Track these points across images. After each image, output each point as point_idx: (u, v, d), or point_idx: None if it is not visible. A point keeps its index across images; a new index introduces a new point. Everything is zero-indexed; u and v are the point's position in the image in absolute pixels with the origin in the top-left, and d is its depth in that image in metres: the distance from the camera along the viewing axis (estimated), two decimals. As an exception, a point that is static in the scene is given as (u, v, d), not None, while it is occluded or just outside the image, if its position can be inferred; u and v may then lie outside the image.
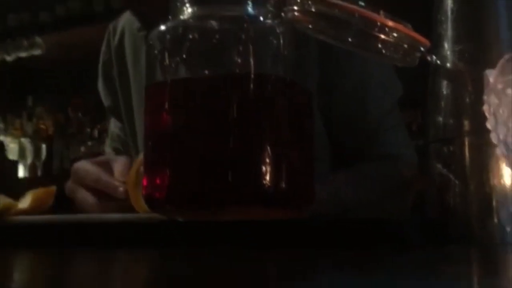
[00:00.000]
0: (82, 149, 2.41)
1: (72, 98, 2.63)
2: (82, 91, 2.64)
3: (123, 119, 0.92)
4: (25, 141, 2.58)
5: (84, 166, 0.66)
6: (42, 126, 2.62)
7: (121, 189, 0.59)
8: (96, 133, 2.46)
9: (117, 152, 0.93)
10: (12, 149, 2.53)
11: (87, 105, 2.61)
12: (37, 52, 2.48)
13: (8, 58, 2.54)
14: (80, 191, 0.65)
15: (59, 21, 2.46)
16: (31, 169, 2.48)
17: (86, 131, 2.49)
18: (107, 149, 0.98)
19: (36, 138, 2.57)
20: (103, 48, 0.97)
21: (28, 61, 2.56)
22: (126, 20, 0.93)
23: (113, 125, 0.98)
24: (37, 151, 2.52)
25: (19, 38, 2.49)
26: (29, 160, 2.51)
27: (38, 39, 2.45)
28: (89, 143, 2.42)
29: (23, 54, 2.51)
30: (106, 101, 0.96)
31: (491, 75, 0.34)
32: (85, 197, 0.64)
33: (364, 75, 0.75)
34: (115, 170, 0.64)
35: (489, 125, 0.33)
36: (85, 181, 0.65)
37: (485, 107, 0.33)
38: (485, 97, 0.34)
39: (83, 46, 2.39)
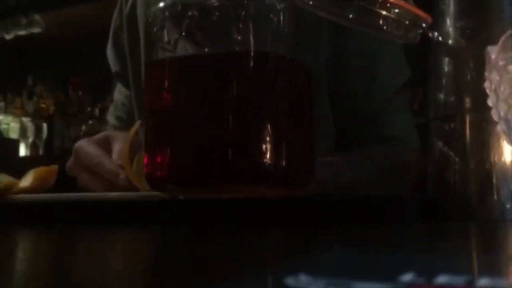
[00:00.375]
0: (83, 128, 2.41)
1: (72, 77, 2.62)
2: (82, 69, 2.63)
3: (130, 86, 0.92)
4: (26, 120, 2.57)
5: (85, 148, 0.66)
6: (43, 105, 2.62)
7: (121, 176, 0.59)
8: (97, 112, 2.45)
9: (120, 121, 0.93)
10: (13, 128, 2.53)
11: (87, 84, 2.60)
12: (36, 30, 2.46)
13: (7, 37, 2.53)
14: (82, 174, 0.65)
15: (57, -2, 2.43)
16: (32, 148, 2.48)
17: (87, 110, 2.49)
18: (110, 118, 0.97)
19: (37, 117, 2.57)
20: (115, 14, 0.97)
21: (28, 40, 2.54)
22: None
23: (118, 93, 0.97)
24: (38, 130, 2.52)
25: (18, 16, 2.47)
26: (30, 139, 2.51)
27: (37, 17, 2.44)
28: (90, 122, 2.42)
29: (22, 32, 2.49)
30: (114, 67, 0.96)
31: (493, 52, 0.34)
32: (87, 182, 0.64)
33: (373, 55, 0.75)
34: (114, 150, 0.64)
35: (490, 102, 0.33)
36: (86, 164, 0.65)
37: (486, 84, 0.33)
38: (486, 74, 0.33)
39: (83, 23, 2.38)
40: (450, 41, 0.40)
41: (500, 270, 0.19)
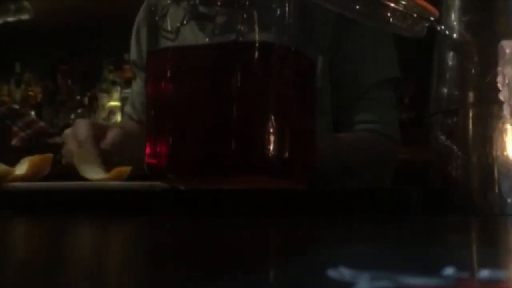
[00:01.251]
0: (72, 116, 2.39)
1: (61, 65, 2.60)
2: (71, 57, 2.60)
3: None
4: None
5: (83, 124, 0.69)
6: (31, 93, 2.59)
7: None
8: (86, 100, 2.43)
9: (135, 109, 0.96)
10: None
11: (76, 72, 2.57)
12: (24, 16, 2.43)
13: (-5, 23, 2.49)
14: (70, 141, 0.69)
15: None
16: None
17: (76, 99, 2.46)
18: (127, 106, 1.01)
19: (25, 105, 2.54)
20: (142, 6, 0.99)
21: (16, 26, 2.51)
22: None
23: (135, 84, 1.00)
24: (26, 118, 2.49)
25: (6, 2, 2.44)
26: (18, 127, 2.48)
27: (26, 3, 2.40)
28: (79, 110, 2.40)
29: (10, 19, 2.46)
30: (132, 55, 0.98)
31: (508, 46, 0.34)
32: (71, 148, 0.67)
33: (365, 43, 0.79)
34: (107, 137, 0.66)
35: (501, 96, 0.33)
36: (76, 137, 0.68)
37: (499, 78, 0.33)
38: (499, 68, 0.33)
39: (73, 11, 2.35)
40: (455, 35, 0.40)
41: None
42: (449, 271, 0.12)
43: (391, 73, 0.83)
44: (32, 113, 2.49)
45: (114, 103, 2.36)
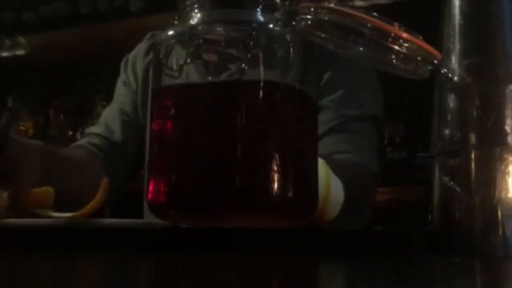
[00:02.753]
0: (63, 151, 2.37)
1: (53, 100, 2.60)
2: (64, 92, 2.61)
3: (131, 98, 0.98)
4: (4, 142, 2.53)
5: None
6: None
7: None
8: (78, 135, 2.42)
9: (121, 115, 0.97)
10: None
11: (68, 107, 2.57)
12: (20, 52, 2.44)
13: (-10, 57, 2.50)
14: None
15: (43, 21, 2.43)
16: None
17: (68, 134, 2.46)
18: (109, 110, 1.01)
19: (15, 139, 2.52)
20: (139, 45, 1.04)
21: (10, 61, 2.52)
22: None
23: (121, 93, 1.01)
24: (16, 153, 2.47)
25: (2, 37, 2.45)
26: (7, 161, 2.46)
27: (21, 39, 2.42)
28: (71, 146, 2.38)
29: (5, 54, 2.47)
30: (122, 78, 1.01)
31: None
32: None
33: (349, 75, 0.81)
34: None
35: (510, 139, 0.34)
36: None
37: (508, 121, 0.34)
38: (508, 111, 0.34)
39: (67, 47, 2.37)
40: (456, 78, 0.41)
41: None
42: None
43: (373, 110, 0.84)
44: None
45: (106, 139, 2.35)
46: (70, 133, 2.46)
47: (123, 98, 1.00)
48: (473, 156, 0.40)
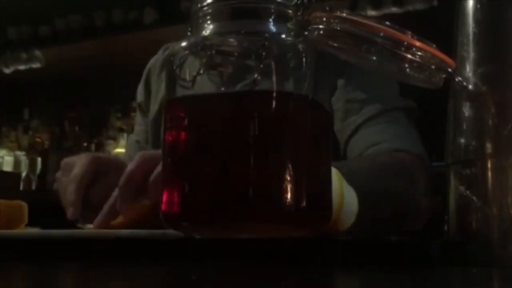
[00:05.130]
0: (78, 163, 2.39)
1: (68, 112, 2.63)
2: (79, 104, 2.63)
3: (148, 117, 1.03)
4: (20, 154, 2.56)
5: (75, 161, 0.67)
6: (38, 139, 2.61)
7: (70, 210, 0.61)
8: (92, 147, 2.45)
9: (137, 144, 1.02)
10: (7, 162, 2.51)
11: (83, 119, 2.60)
12: (36, 65, 2.47)
13: (7, 71, 2.54)
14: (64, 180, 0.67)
15: (59, 34, 2.46)
16: (26, 182, 2.46)
17: (83, 145, 2.48)
18: (129, 140, 1.09)
19: (31, 151, 2.55)
20: (153, 58, 1.08)
21: (26, 74, 2.55)
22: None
23: (138, 121, 1.07)
24: (32, 164, 2.50)
25: (18, 50, 2.49)
26: (23, 173, 2.49)
27: (38, 52, 2.45)
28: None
29: (22, 67, 2.50)
30: (139, 98, 1.05)
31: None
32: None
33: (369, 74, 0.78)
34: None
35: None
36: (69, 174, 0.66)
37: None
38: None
39: (82, 60, 2.40)
40: (470, 87, 0.41)
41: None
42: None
43: (400, 103, 0.80)
44: (39, 159, 2.51)
45: (121, 150, 2.37)
46: (85, 144, 2.48)
47: (139, 127, 1.05)
48: (489, 165, 0.39)
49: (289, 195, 0.40)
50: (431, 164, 0.78)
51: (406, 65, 0.37)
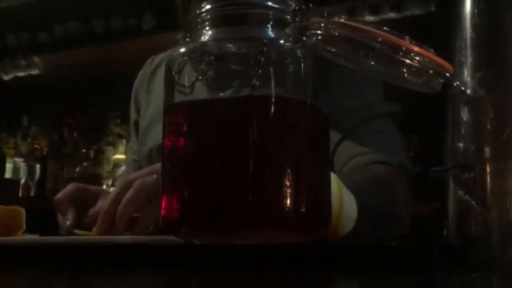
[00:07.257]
0: (77, 169, 2.39)
1: (67, 118, 2.63)
2: (78, 111, 2.63)
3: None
4: (19, 161, 2.56)
5: (75, 188, 0.68)
6: (37, 146, 2.61)
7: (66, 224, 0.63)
8: (91, 153, 2.44)
9: (135, 163, 1.03)
10: (6, 168, 2.51)
11: (82, 126, 2.60)
12: (35, 71, 2.48)
13: (6, 77, 2.54)
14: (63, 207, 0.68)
15: (57, 41, 2.46)
16: (24, 188, 2.46)
17: (82, 152, 2.48)
18: (128, 161, 1.09)
19: (30, 158, 2.55)
20: (140, 72, 1.10)
21: (25, 81, 2.55)
22: (167, 54, 1.04)
23: (133, 140, 1.08)
24: (30, 171, 2.50)
25: (17, 57, 2.49)
26: (22, 179, 2.49)
27: (36, 59, 2.46)
28: (85, 163, 2.40)
29: (20, 74, 2.50)
30: (133, 116, 1.07)
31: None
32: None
33: (352, 80, 0.80)
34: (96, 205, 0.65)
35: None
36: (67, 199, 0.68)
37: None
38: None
39: (81, 66, 2.40)
40: (468, 91, 0.41)
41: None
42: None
43: (386, 108, 0.81)
44: (37, 166, 2.50)
45: (120, 156, 2.37)
46: (84, 151, 2.48)
47: (133, 146, 1.06)
48: (488, 169, 0.40)
49: (288, 201, 0.40)
50: (414, 170, 0.80)
51: (404, 70, 0.37)
